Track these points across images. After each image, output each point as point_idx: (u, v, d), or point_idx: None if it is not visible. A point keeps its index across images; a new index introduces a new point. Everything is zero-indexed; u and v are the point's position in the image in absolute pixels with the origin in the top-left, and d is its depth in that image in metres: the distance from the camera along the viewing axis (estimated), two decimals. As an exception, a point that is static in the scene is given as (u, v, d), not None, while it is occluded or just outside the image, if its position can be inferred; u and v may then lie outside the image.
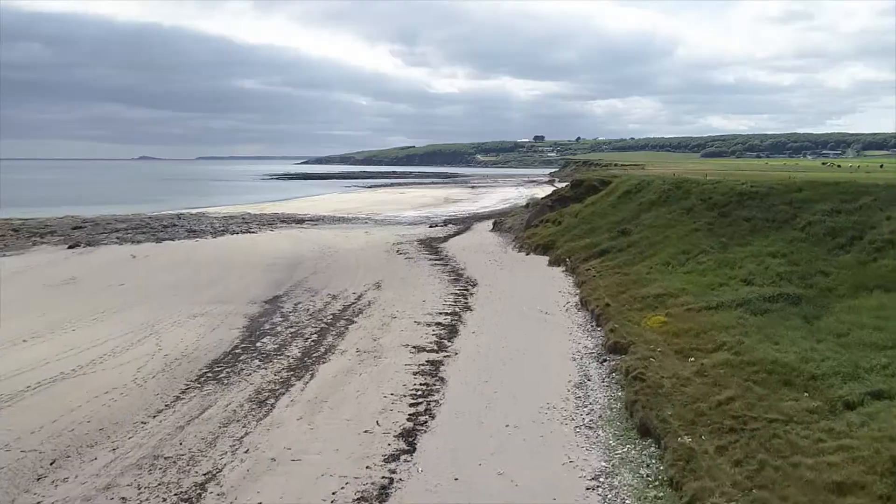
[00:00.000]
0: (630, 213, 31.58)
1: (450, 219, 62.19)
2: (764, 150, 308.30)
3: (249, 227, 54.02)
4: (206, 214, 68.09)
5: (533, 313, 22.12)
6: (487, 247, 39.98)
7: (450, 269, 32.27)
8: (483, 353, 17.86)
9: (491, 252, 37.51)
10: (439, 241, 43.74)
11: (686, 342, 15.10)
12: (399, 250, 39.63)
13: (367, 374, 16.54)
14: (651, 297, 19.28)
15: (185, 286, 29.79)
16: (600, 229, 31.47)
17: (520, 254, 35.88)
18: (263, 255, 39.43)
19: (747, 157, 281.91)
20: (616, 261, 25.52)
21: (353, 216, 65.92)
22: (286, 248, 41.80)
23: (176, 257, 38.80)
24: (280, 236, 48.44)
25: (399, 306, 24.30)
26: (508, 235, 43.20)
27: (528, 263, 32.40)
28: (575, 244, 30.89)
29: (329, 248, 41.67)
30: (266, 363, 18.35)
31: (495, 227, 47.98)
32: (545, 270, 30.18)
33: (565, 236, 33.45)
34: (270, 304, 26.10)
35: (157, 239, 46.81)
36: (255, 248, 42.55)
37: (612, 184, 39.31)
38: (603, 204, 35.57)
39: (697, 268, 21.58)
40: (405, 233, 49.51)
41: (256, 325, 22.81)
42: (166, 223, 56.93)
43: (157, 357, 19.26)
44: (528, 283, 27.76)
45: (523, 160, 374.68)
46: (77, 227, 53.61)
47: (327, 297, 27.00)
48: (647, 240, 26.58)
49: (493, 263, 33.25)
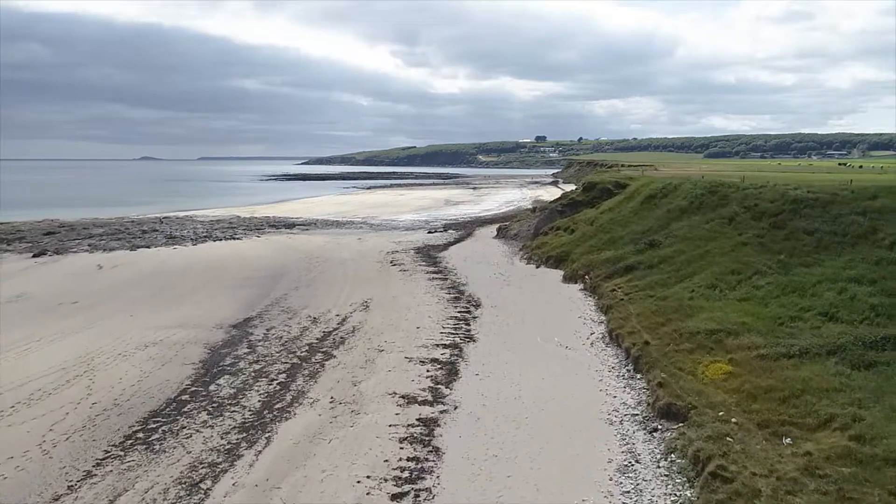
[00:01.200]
0: (657, 222, 27.65)
1: (450, 223, 58.31)
2: (768, 151, 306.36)
3: (235, 233, 50.21)
4: (193, 218, 64.34)
5: (550, 347, 18.24)
6: (492, 257, 36.08)
7: (449, 284, 28.41)
8: (490, 408, 14.01)
9: (496, 263, 33.61)
10: (438, 249, 39.87)
11: (771, 410, 11.25)
12: (393, 260, 35.78)
13: (340, 441, 12.69)
14: (703, 334, 15.38)
15: (146, 305, 25.99)
16: (622, 240, 27.54)
17: (528, 266, 31.96)
18: (243, 266, 35.62)
19: (752, 157, 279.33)
20: (646, 280, 21.59)
21: (348, 220, 62.09)
22: (269, 258, 37.98)
23: (146, 268, 35.00)
24: (265, 244, 44.62)
25: (388, 335, 20.44)
26: (515, 244, 39.29)
27: (539, 279, 28.50)
28: (593, 257, 26.94)
29: (317, 257, 37.84)
30: (215, 417, 14.52)
31: (500, 234, 44.06)
32: (560, 288, 26.28)
33: (581, 247, 29.51)
34: (239, 329, 22.28)
35: (132, 246, 43.02)
36: (236, 257, 38.72)
37: (631, 187, 35.38)
38: (623, 210, 31.64)
39: (755, 293, 17.66)
40: (401, 239, 45.65)
41: (216, 358, 18.99)
42: (147, 228, 53.17)
43: (82, 406, 15.44)
44: (541, 304, 23.87)
45: (525, 160, 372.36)
46: (50, 233, 49.87)
47: (306, 320, 23.17)
48: (683, 255, 22.61)
49: (499, 278, 29.37)
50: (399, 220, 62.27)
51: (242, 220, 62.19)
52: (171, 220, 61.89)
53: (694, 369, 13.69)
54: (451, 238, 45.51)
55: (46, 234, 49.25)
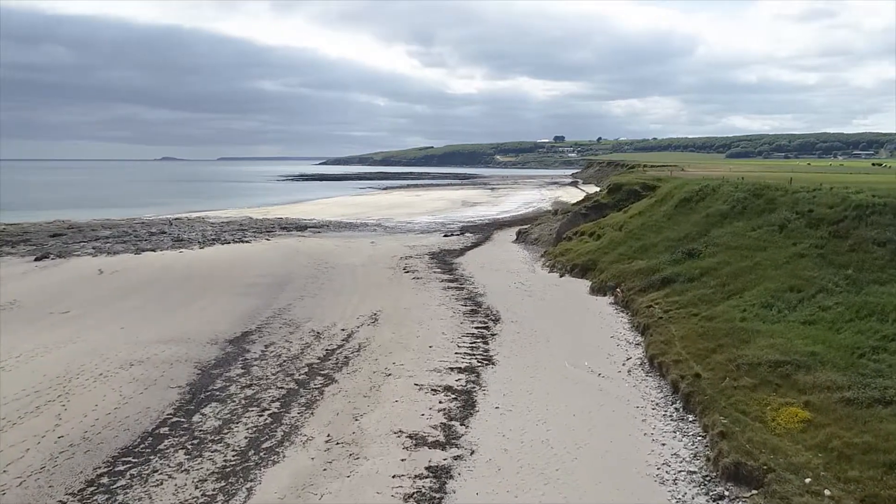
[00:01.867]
0: (695, 228, 25.20)
1: (467, 226, 56.18)
2: (792, 151, 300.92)
3: (244, 236, 48.55)
4: (204, 219, 62.95)
5: (580, 374, 16.01)
6: (511, 263, 33.85)
7: (466, 294, 26.27)
8: (513, 455, 11.85)
9: (515, 271, 31.38)
10: (454, 254, 37.73)
11: (876, 481, 8.96)
12: (407, 267, 33.73)
13: (332, 497, 10.60)
14: (765, 367, 13.05)
15: (140, 315, 24.22)
16: (656, 248, 25.15)
17: (551, 275, 29.67)
18: (249, 271, 33.82)
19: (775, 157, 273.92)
20: (688, 295, 19.24)
21: (362, 222, 60.23)
22: (276, 264, 36.14)
23: (147, 274, 33.34)
24: (274, 247, 42.84)
25: (397, 355, 18.35)
26: (535, 249, 37.02)
27: (563, 290, 26.23)
28: (624, 267, 24.59)
29: (326, 263, 35.92)
30: (193, 458, 12.54)
31: (519, 238, 41.80)
32: (587, 301, 23.99)
33: (609, 255, 27.17)
34: (235, 345, 20.36)
35: (138, 249, 41.49)
36: (242, 262, 36.96)
37: (662, 189, 32.93)
38: (654, 214, 29.22)
39: (822, 316, 15.26)
40: (416, 243, 43.60)
41: (205, 381, 17.06)
42: (155, 230, 51.74)
43: (47, 441, 13.57)
44: (568, 320, 21.59)
45: (543, 161, 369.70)
46: (56, 235, 48.63)
47: (309, 335, 21.19)
48: (728, 266, 20.20)
49: (519, 288, 27.14)
50: (414, 222, 60.28)
51: (254, 221, 60.65)
52: (181, 221, 60.55)
53: (761, 413, 11.41)
54: (467, 242, 43.37)
55: (53, 237, 48.02)
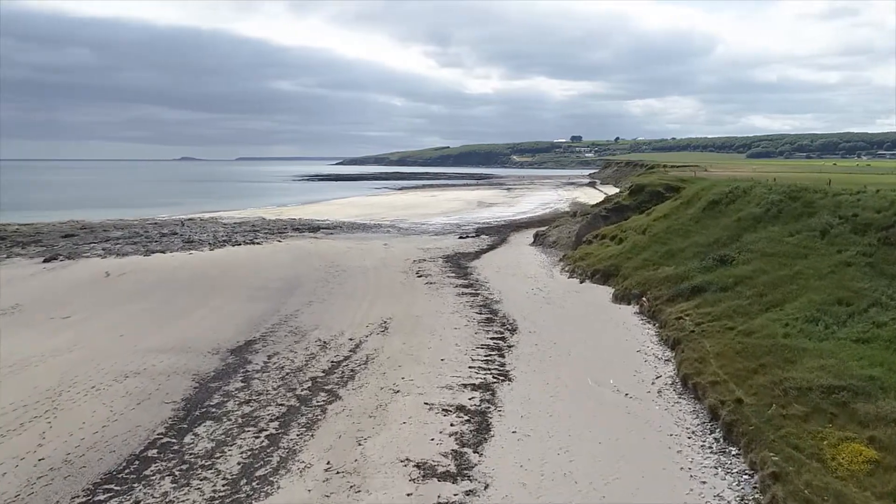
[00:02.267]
0: (725, 233, 23.63)
1: (483, 227, 54.89)
2: (814, 151, 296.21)
3: (255, 237, 47.73)
4: (217, 219, 62.39)
5: (606, 394, 14.66)
6: (528, 268, 32.49)
7: (481, 301, 24.99)
8: (532, 490, 10.55)
9: (533, 276, 30.02)
10: (469, 257, 36.46)
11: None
12: (420, 271, 32.53)
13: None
14: (817, 393, 11.59)
15: (143, 321, 23.31)
16: (683, 254, 23.63)
17: (571, 280, 28.26)
18: (258, 274, 32.88)
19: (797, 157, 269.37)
20: (721, 306, 17.73)
21: (376, 223, 59.21)
22: (287, 266, 35.16)
23: (154, 277, 32.53)
24: (286, 249, 41.91)
25: (407, 369, 17.14)
26: (554, 252, 35.60)
27: (584, 297, 24.82)
28: (649, 274, 23.12)
29: (338, 266, 34.86)
30: (180, 487, 11.45)
31: (537, 241, 40.40)
32: (610, 310, 22.56)
33: (633, 260, 25.71)
34: (237, 355, 19.32)
35: (147, 251, 40.80)
36: (253, 264, 36.05)
37: (688, 190, 31.32)
38: (681, 217, 27.67)
39: (878, 333, 13.73)
40: (430, 245, 42.41)
41: (203, 395, 16.01)
42: (167, 231, 51.15)
43: (26, 463, 12.58)
44: (590, 330, 20.22)
45: (560, 161, 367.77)
46: (68, 236, 48.24)
47: (315, 344, 20.08)
48: (765, 275, 18.64)
49: (537, 294, 25.79)
50: (429, 223, 59.12)
51: (267, 222, 59.93)
52: (194, 222, 60.01)
53: (818, 450, 9.99)
54: (483, 245, 42.07)
55: (64, 237, 47.61)
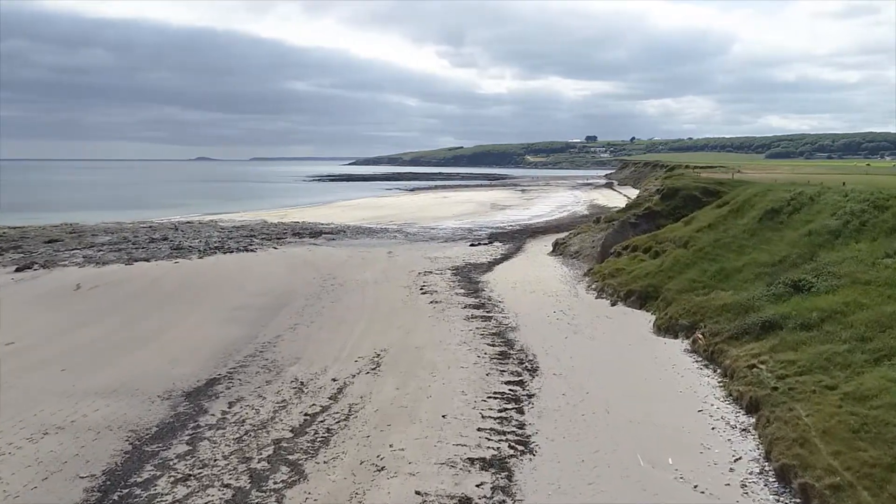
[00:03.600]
0: (795, 251, 19.35)
1: (496, 232, 51.03)
2: (835, 151, 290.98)
3: (251, 243, 44.25)
4: (216, 223, 59.17)
5: (667, 483, 10.70)
6: (548, 283, 28.52)
7: (493, 327, 21.12)
8: None
9: (554, 294, 26.05)
10: (481, 269, 32.59)
11: None
12: (425, 285, 28.73)
13: None
14: None
15: (94, 350, 19.76)
16: (741, 274, 19.46)
17: (600, 301, 24.24)
18: (244, 288, 29.31)
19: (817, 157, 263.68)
20: (808, 352, 13.53)
21: (382, 227, 55.57)
22: (278, 279, 31.55)
23: (127, 290, 29.07)
24: (280, 258, 38.34)
25: (398, 430, 13.32)
26: (576, 265, 31.59)
27: (618, 324, 20.80)
28: (700, 299, 18.93)
29: (334, 279, 31.19)
30: None
31: (556, 250, 36.39)
32: (653, 345, 18.48)
33: (676, 280, 21.59)
34: (192, 401, 15.66)
35: (130, 259, 37.45)
36: (240, 276, 32.51)
37: (738, 196, 27.04)
38: (730, 228, 23.50)
39: None
40: (438, 254, 38.61)
41: (132, 466, 12.34)
42: (158, 236, 47.87)
43: None
44: (631, 374, 16.19)
45: (575, 161, 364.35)
46: (52, 241, 45.11)
47: (290, 387, 16.36)
48: (864, 310, 14.29)
49: (561, 319, 21.84)
50: (439, 227, 55.37)
51: (267, 225, 56.57)
52: (191, 225, 56.83)
53: None
54: (496, 254, 38.17)
55: (48, 242, 44.50)
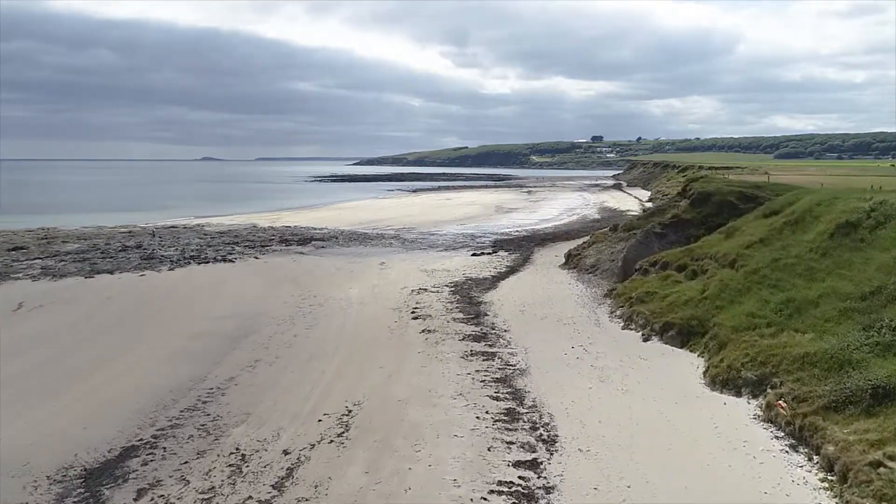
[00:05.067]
0: (892, 278, 15.18)
1: (501, 239, 46.88)
2: (846, 151, 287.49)
3: (231, 252, 40.26)
4: (202, 227, 55.23)
5: None
6: (562, 305, 24.32)
7: (498, 370, 16.97)
8: None
9: (570, 321, 21.85)
10: (483, 286, 28.43)
11: None
12: (417, 308, 24.61)
13: None
14: None
15: None
16: (819, 308, 14.96)
17: (628, 333, 19.95)
18: (209, 309, 25.28)
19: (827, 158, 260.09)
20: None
21: (379, 232, 51.53)
22: (251, 297, 27.51)
23: (74, 313, 25.06)
24: (260, 270, 34.29)
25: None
26: (594, 282, 27.36)
27: (656, 369, 16.44)
28: (768, 343, 14.41)
29: (315, 297, 27.13)
30: None
31: (569, 263, 32.15)
32: (709, 405, 14.00)
33: (727, 312, 17.15)
34: (89, 488, 11.64)
35: (92, 271, 33.52)
36: (209, 293, 28.50)
37: (782, 203, 22.74)
38: (790, 244, 19.09)
39: None
40: (436, 266, 34.48)
41: None
42: (132, 243, 43.92)
43: None
44: (686, 455, 11.89)
45: (580, 161, 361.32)
46: (17, 248, 41.26)
47: (225, 464, 12.29)
48: None
49: (582, 358, 17.66)
50: (439, 233, 51.26)
51: (256, 231, 52.61)
52: (177, 229, 52.85)
53: None
54: (501, 266, 33.99)
55: (12, 250, 40.65)
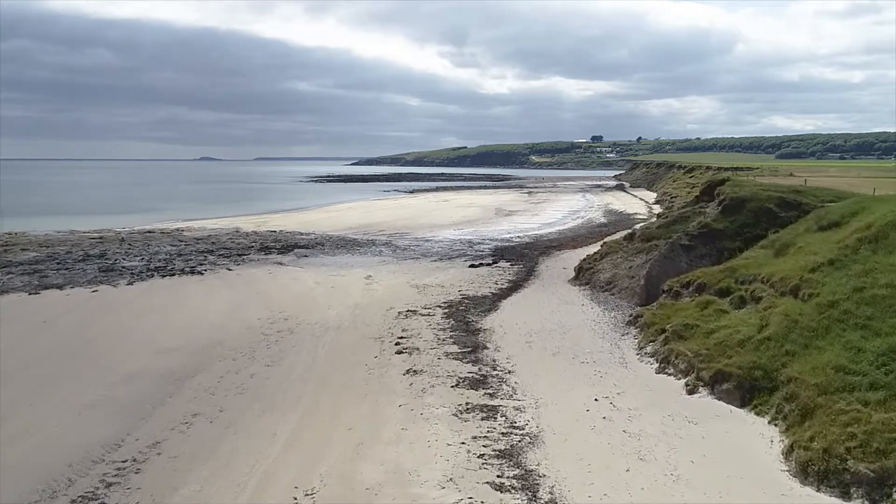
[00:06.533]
0: None
1: (502, 247, 42.96)
2: (848, 151, 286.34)
3: (203, 262, 36.32)
4: (179, 232, 51.29)
5: None
6: (578, 336, 20.32)
7: (501, 437, 12.95)
8: None
9: (590, 358, 17.85)
10: (482, 307, 24.43)
11: None
12: (403, 338, 20.62)
13: None
14: None
15: None
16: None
17: (663, 378, 15.86)
18: (155, 338, 21.29)
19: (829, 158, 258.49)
20: None
21: (370, 238, 47.60)
22: (210, 320, 23.54)
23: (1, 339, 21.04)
24: (229, 285, 30.31)
25: None
26: (611, 302, 23.35)
27: (711, 440, 12.26)
28: (882, 418, 10.25)
29: (286, 319, 23.17)
30: None
31: (581, 278, 28.16)
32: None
33: (802, 360, 12.85)
34: None
35: (40, 286, 29.61)
36: (162, 316, 24.50)
37: (843, 212, 18.76)
38: (877, 269, 14.41)
39: None
40: (429, 280, 30.52)
41: None
42: (96, 251, 39.92)
43: None
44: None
45: (580, 161, 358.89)
46: (-34, 258, 37.32)
47: None
48: None
49: (613, 421, 13.51)
50: (435, 239, 47.34)
51: (238, 236, 48.73)
52: (153, 234, 48.87)
53: None
54: (502, 281, 30.00)
55: (-40, 260, 36.70)
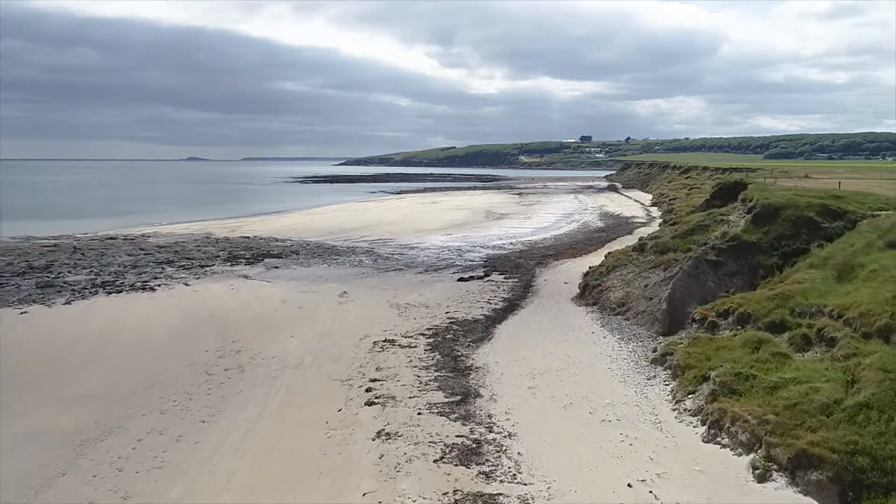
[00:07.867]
0: None
1: (494, 256, 39.18)
2: (836, 151, 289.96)
3: (159, 275, 32.24)
4: (145, 237, 47.17)
5: None
6: (592, 377, 16.59)
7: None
8: None
9: (614, 413, 14.07)
10: (474, 336, 20.58)
11: None
12: (376, 380, 16.76)
13: None
14: None
15: None
16: None
17: (714, 449, 11.87)
18: (68, 380, 17.31)
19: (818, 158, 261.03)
20: None
21: (350, 245, 43.69)
22: (149, 352, 19.54)
23: None
24: (182, 303, 26.27)
25: None
26: (628, 330, 19.60)
27: None
28: None
29: (239, 351, 19.24)
30: None
31: (587, 296, 24.37)
32: None
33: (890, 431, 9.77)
34: None
35: (-39, 306, 25.39)
36: (90, 346, 20.45)
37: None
38: None
39: None
40: (412, 298, 26.66)
41: None
42: (44, 261, 35.68)
43: None
44: None
45: (569, 161, 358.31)
46: None
47: None
48: None
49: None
50: (420, 246, 43.50)
51: (206, 242, 44.61)
52: (114, 241, 44.58)
53: None
54: (496, 299, 26.19)
55: None
